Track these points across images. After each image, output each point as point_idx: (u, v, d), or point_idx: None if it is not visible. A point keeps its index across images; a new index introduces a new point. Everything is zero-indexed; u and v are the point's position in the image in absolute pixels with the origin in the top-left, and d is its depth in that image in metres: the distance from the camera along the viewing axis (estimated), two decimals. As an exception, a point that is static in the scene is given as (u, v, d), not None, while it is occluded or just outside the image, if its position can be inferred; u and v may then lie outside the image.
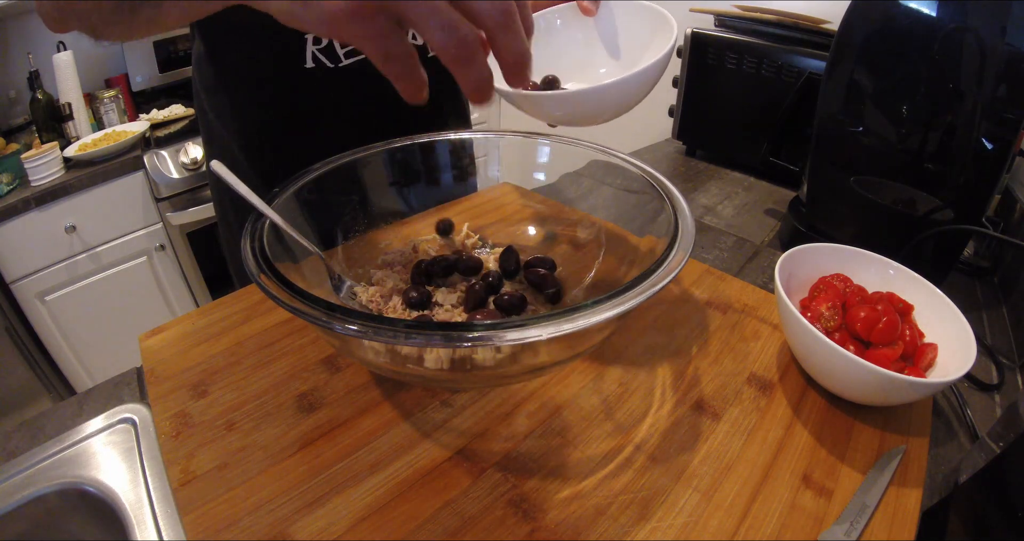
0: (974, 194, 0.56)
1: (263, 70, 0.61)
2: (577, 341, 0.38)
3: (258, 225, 0.40)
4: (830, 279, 0.49)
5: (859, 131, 0.60)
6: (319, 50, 0.59)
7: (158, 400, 0.43)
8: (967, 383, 0.51)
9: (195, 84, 0.68)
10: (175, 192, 1.50)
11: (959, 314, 0.42)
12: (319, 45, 0.59)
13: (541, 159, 0.57)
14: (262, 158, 0.66)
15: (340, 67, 0.61)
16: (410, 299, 0.48)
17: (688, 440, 0.40)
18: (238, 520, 0.35)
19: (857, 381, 0.40)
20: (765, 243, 0.74)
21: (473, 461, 0.39)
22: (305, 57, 0.59)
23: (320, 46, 0.59)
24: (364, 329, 0.30)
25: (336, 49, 0.60)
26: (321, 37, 0.38)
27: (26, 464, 0.41)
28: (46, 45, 1.52)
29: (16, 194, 1.31)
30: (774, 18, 0.86)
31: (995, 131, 0.51)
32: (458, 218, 0.61)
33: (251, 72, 0.61)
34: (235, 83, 0.63)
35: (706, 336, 0.50)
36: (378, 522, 0.35)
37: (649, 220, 0.46)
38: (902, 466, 0.38)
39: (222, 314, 0.53)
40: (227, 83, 0.64)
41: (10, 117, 1.60)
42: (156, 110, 1.67)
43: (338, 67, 0.61)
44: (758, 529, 0.35)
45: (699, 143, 1.06)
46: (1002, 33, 0.49)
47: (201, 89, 0.67)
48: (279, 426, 0.41)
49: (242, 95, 0.64)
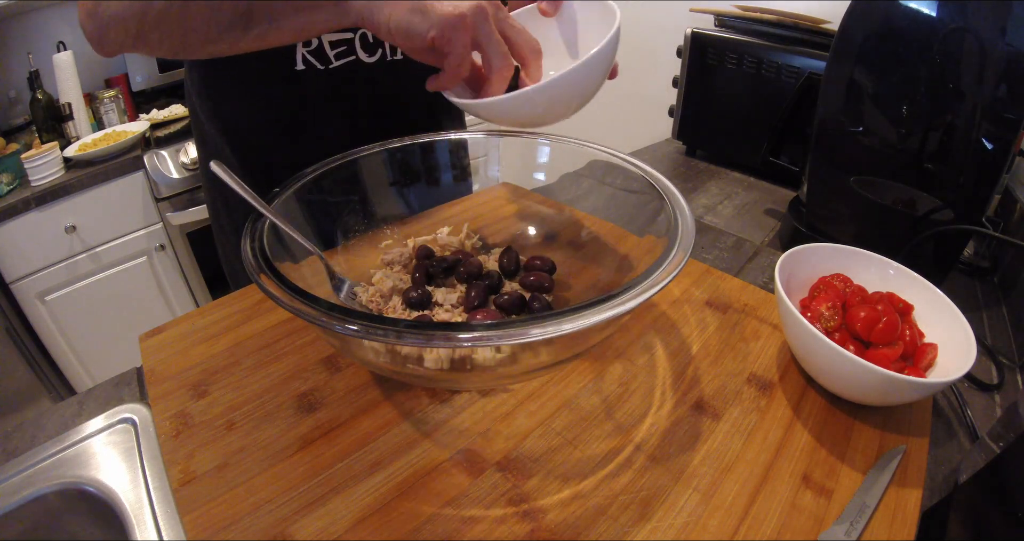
0: (974, 194, 0.56)
1: (253, 72, 0.60)
2: (577, 341, 0.38)
3: (258, 225, 0.40)
4: (830, 279, 0.49)
5: (859, 131, 0.60)
6: (309, 52, 0.59)
7: (158, 400, 0.43)
8: (967, 383, 0.51)
9: (187, 87, 0.68)
10: (175, 192, 1.50)
11: (959, 314, 0.42)
12: (309, 47, 0.59)
13: (541, 159, 0.57)
14: (254, 160, 0.66)
15: (330, 68, 0.61)
16: (410, 299, 0.48)
17: (688, 440, 0.40)
18: (238, 520, 0.35)
19: (857, 381, 0.40)
20: (765, 243, 0.74)
21: (473, 461, 0.39)
22: (295, 59, 0.59)
23: (310, 48, 0.59)
24: (364, 329, 0.30)
25: (326, 51, 0.59)
26: (420, 58, 0.44)
27: (26, 464, 0.41)
28: (46, 45, 1.52)
29: (16, 194, 1.31)
30: (774, 18, 0.86)
31: (995, 131, 0.51)
32: (458, 218, 0.61)
33: (241, 74, 0.61)
34: (227, 85, 0.63)
35: (706, 336, 0.50)
36: (378, 522, 0.35)
37: (649, 220, 0.46)
38: (902, 466, 0.38)
39: (222, 314, 0.53)
40: (219, 85, 0.64)
41: (10, 117, 1.60)
42: (156, 110, 1.67)
43: (328, 68, 0.61)
44: (758, 529, 0.35)
45: (699, 143, 1.06)
46: (1002, 33, 0.49)
47: (193, 92, 0.67)
48: (279, 426, 0.41)
49: (233, 97, 0.64)
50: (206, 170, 0.70)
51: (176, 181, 1.49)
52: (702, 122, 1.02)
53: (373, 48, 0.62)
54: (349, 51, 0.61)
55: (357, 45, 0.61)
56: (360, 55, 0.61)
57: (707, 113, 1.00)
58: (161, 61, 1.70)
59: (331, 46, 0.59)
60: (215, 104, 0.65)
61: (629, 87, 1.66)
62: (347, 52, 0.61)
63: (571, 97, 0.44)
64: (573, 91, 0.44)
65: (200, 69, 0.64)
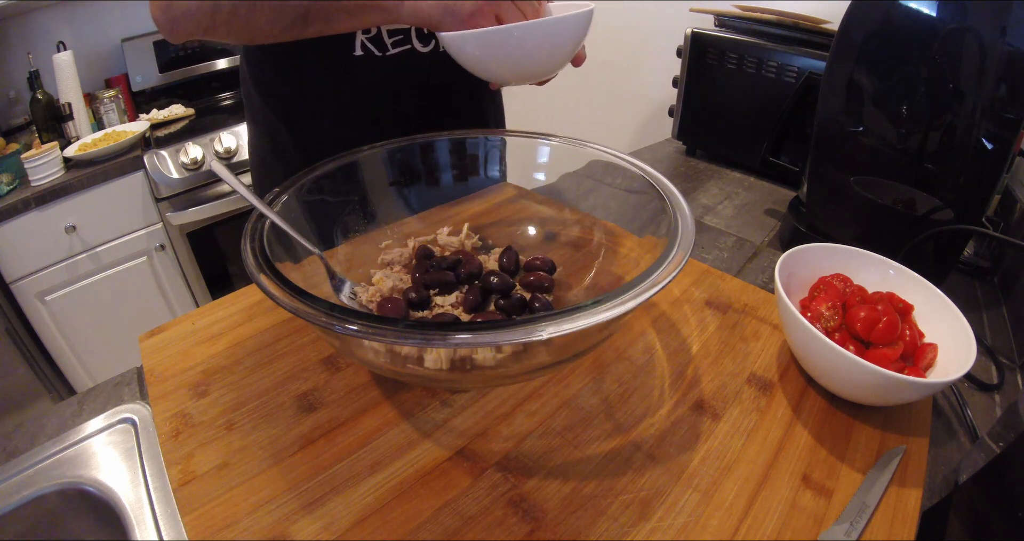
0: (974, 194, 0.56)
1: (313, 57, 0.63)
2: (577, 341, 0.38)
3: (258, 225, 0.40)
4: (830, 279, 0.49)
5: (859, 131, 0.60)
6: (368, 39, 0.61)
7: (158, 400, 0.43)
8: (967, 383, 0.51)
9: (242, 72, 0.71)
10: (175, 192, 1.50)
11: (959, 314, 0.42)
12: (368, 34, 0.61)
13: (541, 159, 0.57)
14: (309, 141, 0.69)
15: (387, 56, 0.63)
16: (410, 299, 0.48)
17: (688, 440, 0.40)
18: (238, 520, 0.35)
19: (857, 381, 0.40)
20: (765, 243, 0.74)
21: (473, 461, 0.39)
22: (355, 45, 0.61)
23: (369, 35, 0.61)
24: (364, 329, 0.30)
25: (384, 38, 0.62)
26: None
27: (26, 464, 0.41)
28: (46, 45, 1.52)
29: (16, 194, 1.31)
30: (774, 18, 0.86)
31: (995, 131, 0.51)
32: (458, 218, 0.61)
33: (301, 58, 0.63)
34: (284, 70, 0.65)
35: (706, 336, 0.50)
36: (378, 522, 0.35)
37: (649, 220, 0.46)
38: (902, 466, 0.38)
39: (222, 314, 0.53)
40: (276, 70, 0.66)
41: (10, 117, 1.60)
42: (156, 110, 1.67)
43: (385, 56, 0.63)
44: (758, 529, 0.35)
45: (699, 143, 1.06)
46: (1002, 33, 0.49)
47: (248, 75, 0.69)
48: (279, 426, 0.41)
49: (290, 81, 0.66)
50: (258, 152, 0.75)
51: (176, 181, 1.49)
52: (702, 122, 1.02)
53: (427, 39, 0.65)
54: (405, 40, 0.63)
55: (413, 35, 0.64)
56: (415, 44, 0.64)
57: (707, 113, 1.00)
58: (161, 61, 1.70)
59: (389, 34, 0.62)
60: (273, 88, 0.68)
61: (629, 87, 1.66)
62: (403, 41, 0.63)
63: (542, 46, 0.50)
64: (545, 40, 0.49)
65: (258, 54, 0.66)
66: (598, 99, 1.66)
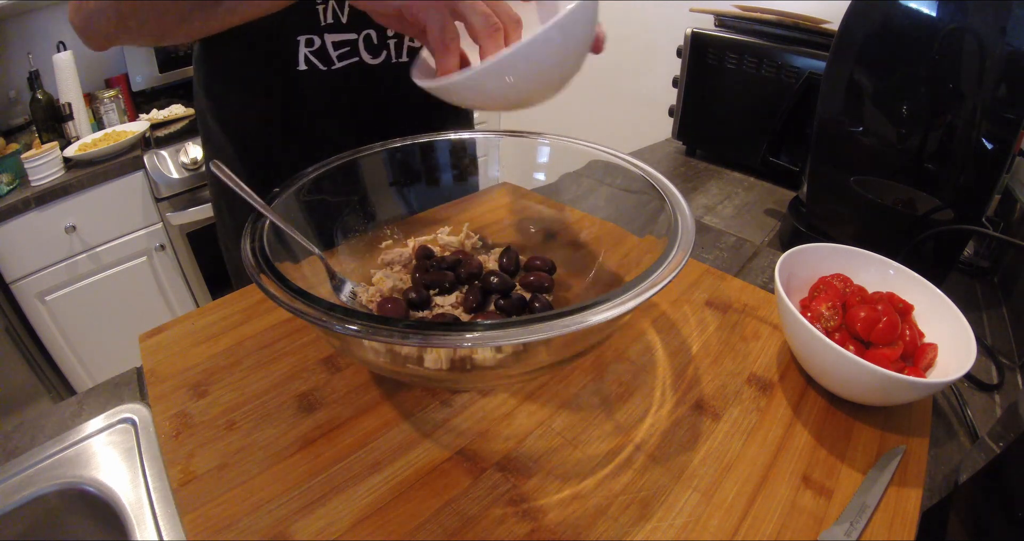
0: (974, 194, 0.56)
1: (257, 72, 0.60)
2: (577, 341, 0.38)
3: (258, 225, 0.40)
4: (830, 279, 0.49)
5: (859, 131, 0.60)
6: (311, 52, 0.59)
7: (158, 400, 0.43)
8: (967, 383, 0.51)
9: (195, 84, 0.68)
10: (175, 192, 1.50)
11: (959, 314, 0.42)
12: (312, 48, 0.59)
13: (541, 159, 0.57)
14: (257, 159, 0.66)
15: (333, 69, 0.60)
16: (410, 299, 0.48)
17: (688, 440, 0.40)
18: (238, 520, 0.35)
19: (857, 381, 0.40)
20: (765, 243, 0.74)
21: (473, 461, 0.39)
22: (298, 59, 0.59)
23: (313, 49, 0.59)
24: (364, 329, 0.30)
25: (329, 52, 0.59)
26: (391, 25, 0.42)
27: (26, 464, 0.41)
28: (46, 45, 1.52)
29: (16, 194, 1.31)
30: (774, 18, 0.86)
31: (995, 131, 0.51)
32: (458, 218, 0.61)
33: (245, 73, 0.61)
34: (230, 84, 0.63)
35: (706, 336, 0.50)
36: (378, 522, 0.35)
37: (649, 220, 0.46)
38: (902, 466, 0.38)
39: (222, 314, 0.53)
40: (222, 84, 0.64)
41: (10, 117, 1.60)
42: (156, 110, 1.67)
43: (331, 69, 0.60)
44: (758, 529, 0.35)
45: (699, 143, 1.06)
46: (1002, 33, 0.49)
47: (199, 89, 0.67)
48: (279, 426, 0.41)
49: (236, 96, 0.64)
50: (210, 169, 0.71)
51: (176, 181, 1.49)
52: (702, 122, 1.02)
53: (377, 50, 0.61)
54: (352, 52, 0.60)
55: (361, 47, 0.60)
56: (364, 56, 0.61)
57: (707, 113, 1.00)
58: (161, 61, 1.70)
59: (334, 47, 0.59)
60: (219, 103, 0.65)
61: (629, 87, 1.66)
62: (350, 53, 0.60)
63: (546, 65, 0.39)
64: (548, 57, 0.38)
65: (205, 68, 0.64)
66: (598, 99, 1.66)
